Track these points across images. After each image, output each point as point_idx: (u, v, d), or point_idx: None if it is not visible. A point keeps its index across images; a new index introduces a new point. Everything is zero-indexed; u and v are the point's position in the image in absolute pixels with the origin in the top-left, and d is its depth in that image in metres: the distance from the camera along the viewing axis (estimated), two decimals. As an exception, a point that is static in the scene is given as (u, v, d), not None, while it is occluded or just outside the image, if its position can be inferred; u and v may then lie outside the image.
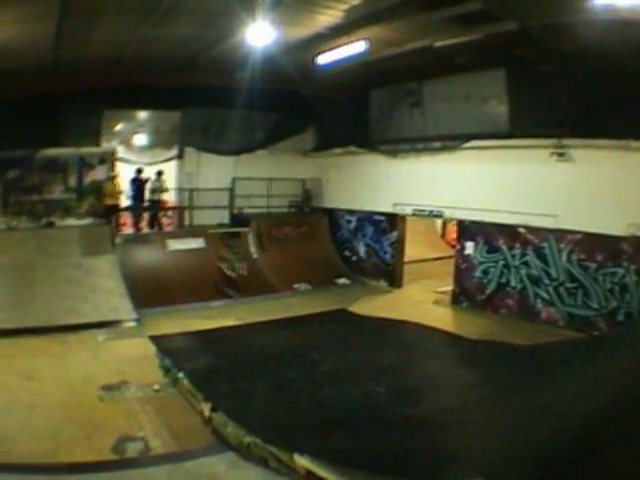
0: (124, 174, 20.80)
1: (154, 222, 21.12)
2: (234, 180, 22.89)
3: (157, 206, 21.15)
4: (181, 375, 11.53)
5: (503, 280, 17.88)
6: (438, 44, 15.48)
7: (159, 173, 20.93)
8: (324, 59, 17.05)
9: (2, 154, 17.75)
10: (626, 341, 11.46)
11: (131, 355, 13.41)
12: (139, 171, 20.69)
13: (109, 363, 12.81)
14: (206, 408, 10.00)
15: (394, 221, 21.95)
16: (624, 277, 15.06)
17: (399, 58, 17.04)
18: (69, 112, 18.75)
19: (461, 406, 10.22)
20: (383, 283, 21.94)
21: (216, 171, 22.49)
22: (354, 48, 15.81)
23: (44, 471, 8.22)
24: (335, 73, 18.59)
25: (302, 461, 7.79)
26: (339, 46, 16.07)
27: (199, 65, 18.16)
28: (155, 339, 14.16)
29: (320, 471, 7.54)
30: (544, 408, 8.69)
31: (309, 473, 7.69)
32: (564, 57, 15.08)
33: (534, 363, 12.01)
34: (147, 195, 20.72)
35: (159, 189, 20.89)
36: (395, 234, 22.03)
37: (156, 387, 11.53)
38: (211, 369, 12.12)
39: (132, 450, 8.96)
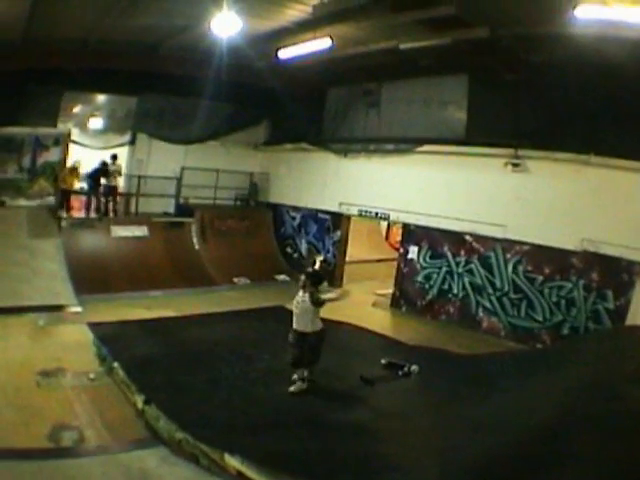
0: (76, 157, 20.77)
1: (107, 208, 20.88)
2: (183, 169, 22.94)
3: (114, 191, 20.99)
4: (116, 365, 11.58)
5: (445, 287, 18.04)
6: (404, 46, 15.43)
7: (114, 157, 20.73)
8: (286, 53, 16.93)
9: None
10: (570, 357, 11.60)
11: (70, 341, 13.34)
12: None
13: (48, 348, 12.74)
14: (139, 400, 10.08)
15: (339, 220, 22.13)
16: (571, 291, 15.26)
17: (362, 57, 17.04)
18: (31, 91, 18.59)
19: (396, 414, 10.34)
20: (324, 283, 21.81)
21: (166, 159, 22.54)
22: (318, 44, 15.70)
23: None
24: (295, 68, 18.61)
25: (233, 461, 7.92)
26: (303, 41, 15.98)
27: (160, 52, 18.19)
28: (92, 326, 14.09)
29: (250, 473, 7.67)
30: (481, 421, 8.83)
31: (240, 473, 7.80)
32: (531, 68, 15.18)
33: (473, 373, 12.18)
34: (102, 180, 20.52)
35: (114, 173, 20.71)
36: (338, 233, 22.23)
37: (92, 376, 11.49)
38: (146, 360, 12.09)
39: (67, 439, 8.99)
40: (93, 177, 20.17)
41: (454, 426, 9.16)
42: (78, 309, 15.98)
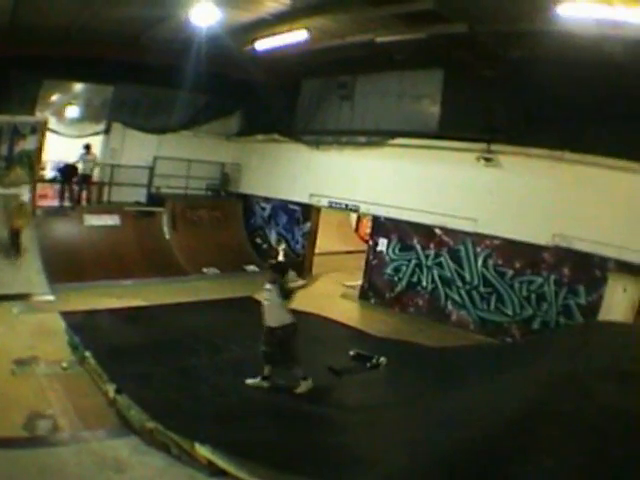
0: (53, 145, 20.87)
1: (80, 196, 20.96)
2: (155, 159, 22.99)
3: (88, 180, 21.07)
4: (87, 354, 11.68)
5: (414, 279, 18.20)
6: (380, 39, 15.48)
7: (87, 147, 20.80)
8: (262, 45, 17.04)
9: None
10: (541, 352, 11.46)
11: (43, 330, 13.44)
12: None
13: (22, 337, 12.86)
14: (110, 389, 10.20)
15: (309, 212, 22.34)
16: (542, 286, 15.42)
17: (337, 50, 17.07)
18: (12, 79, 18.63)
19: (364, 406, 10.52)
20: (291, 273, 21.67)
21: (139, 149, 22.54)
22: (294, 37, 15.84)
23: None
24: (270, 59, 18.63)
25: (203, 451, 8.06)
26: (280, 33, 16.06)
27: (141, 42, 18.22)
28: (64, 315, 14.19)
29: (220, 462, 7.82)
30: (449, 415, 8.83)
31: (210, 462, 7.95)
32: (509, 64, 15.23)
33: (441, 366, 12.31)
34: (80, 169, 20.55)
35: (90, 162, 20.87)
36: (308, 225, 22.48)
37: (64, 364, 11.61)
38: (117, 350, 12.20)
39: (42, 428, 9.16)
40: (64, 172, 20.45)
41: (422, 419, 9.23)
42: (51, 298, 16.09)
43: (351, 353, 13.17)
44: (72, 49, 18.09)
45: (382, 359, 12.71)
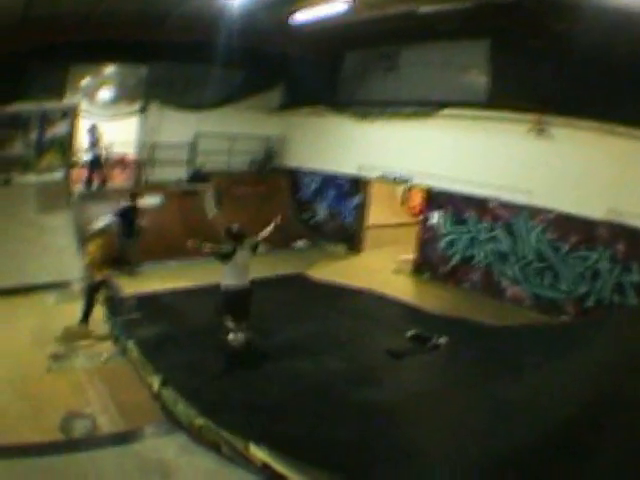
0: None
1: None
2: (196, 136, 22.37)
3: (99, 161, 20.36)
4: (130, 343, 11.21)
5: (468, 253, 17.58)
6: (423, 10, 14.99)
7: (93, 127, 20.11)
8: (302, 17, 16.54)
9: None
10: (601, 334, 10.96)
11: None
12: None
13: (58, 328, 12.24)
14: (155, 382, 9.75)
15: (358, 184, 21.63)
16: (597, 262, 14.76)
17: (379, 21, 16.51)
18: (34, 66, 18.01)
19: (426, 392, 9.78)
20: (342, 247, 21.67)
21: (179, 126, 21.92)
22: (335, 7, 15.33)
23: None
24: (310, 32, 18.12)
25: (259, 453, 7.49)
26: (319, 4, 15.54)
27: (169, 20, 17.62)
28: (105, 302, 13.49)
29: (279, 466, 7.22)
30: (518, 401, 8.34)
31: (265, 465, 7.37)
32: (556, 34, 14.48)
33: (503, 346, 11.70)
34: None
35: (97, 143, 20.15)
36: (358, 198, 21.77)
37: (105, 356, 11.17)
38: (162, 337, 11.68)
39: (79, 429, 8.64)
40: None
41: (490, 406, 8.57)
42: None
43: (409, 333, 12.53)
44: (97, 32, 17.51)
45: (442, 339, 12.09)
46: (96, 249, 12.41)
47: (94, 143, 19.86)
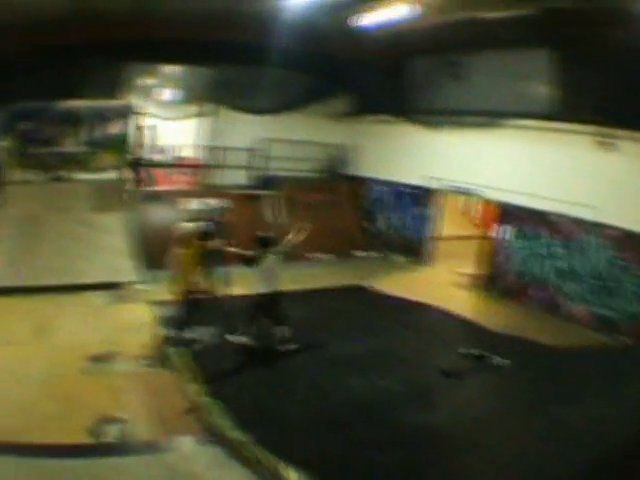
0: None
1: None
2: (263, 141, 22.06)
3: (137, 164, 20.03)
4: (174, 350, 10.95)
5: (532, 269, 16.92)
6: (487, 16, 14.67)
7: (139, 127, 19.98)
8: (366, 21, 16.08)
9: (17, 105, 17.26)
10: None
11: (128, 322, 12.72)
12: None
13: (102, 330, 12.14)
14: (196, 390, 9.41)
15: (424, 195, 20.96)
16: None
17: (444, 27, 16.10)
18: (89, 64, 17.89)
19: (481, 417, 9.32)
20: (406, 259, 21.19)
21: (245, 130, 21.68)
22: (400, 12, 14.83)
23: (4, 451, 7.57)
24: (375, 37, 17.66)
25: (293, 474, 7.12)
26: (384, 8, 15.03)
27: (230, 20, 17.26)
28: (155, 305, 13.42)
29: None
30: (574, 431, 7.96)
31: None
32: (620, 43, 13.62)
33: (562, 369, 11.24)
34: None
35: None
36: (424, 209, 21.15)
37: (146, 361, 10.82)
38: (209, 345, 11.42)
39: (110, 434, 8.31)
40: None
41: (545, 434, 8.25)
42: (144, 286, 15.47)
43: (468, 351, 12.09)
44: (151, 31, 17.26)
45: (500, 359, 11.64)
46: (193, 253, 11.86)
47: (140, 144, 19.85)
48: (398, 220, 22.13)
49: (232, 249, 11.42)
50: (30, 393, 9.27)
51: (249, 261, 11.12)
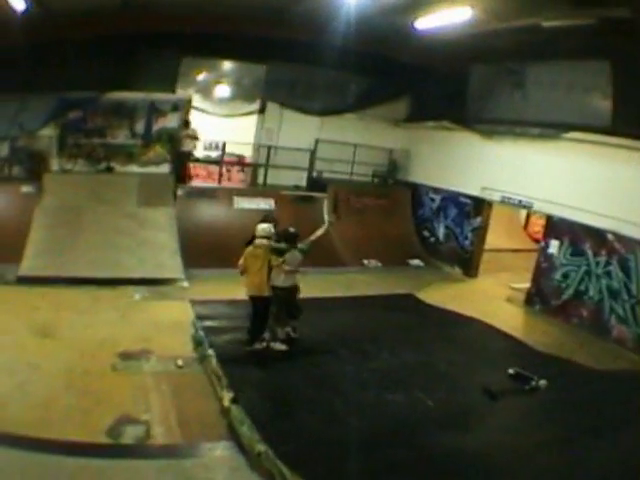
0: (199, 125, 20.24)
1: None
2: (317, 142, 21.90)
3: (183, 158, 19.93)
4: (210, 352, 10.55)
5: (582, 287, 16.39)
6: (546, 24, 14.32)
7: (186, 122, 19.76)
8: (424, 24, 15.84)
9: (64, 94, 17.33)
10: None
11: (165, 320, 12.47)
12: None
13: (137, 326, 11.96)
14: (226, 397, 9.00)
15: (480, 206, 20.45)
16: None
17: (504, 34, 15.89)
18: (142, 55, 18.11)
19: (518, 445, 8.72)
20: (458, 270, 20.78)
21: (298, 130, 21.53)
22: (458, 15, 14.63)
23: (16, 444, 7.42)
24: (434, 42, 17.45)
25: None
26: (442, 11, 14.82)
27: (287, 18, 17.17)
28: (195, 304, 13.12)
29: None
30: (614, 459, 7.68)
31: None
32: None
33: (604, 394, 10.80)
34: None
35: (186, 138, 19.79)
36: (479, 220, 20.51)
37: (180, 362, 10.53)
38: (244, 350, 10.96)
39: (130, 435, 8.09)
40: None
41: (587, 465, 7.94)
42: (184, 284, 15.35)
43: (511, 371, 11.56)
44: (208, 25, 17.39)
45: (542, 382, 11.11)
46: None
47: (191, 139, 19.78)
48: (454, 230, 21.65)
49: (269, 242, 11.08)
50: (54, 387, 9.16)
51: (281, 253, 10.90)
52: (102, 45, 16.66)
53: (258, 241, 10.91)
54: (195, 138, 19.96)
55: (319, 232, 12.11)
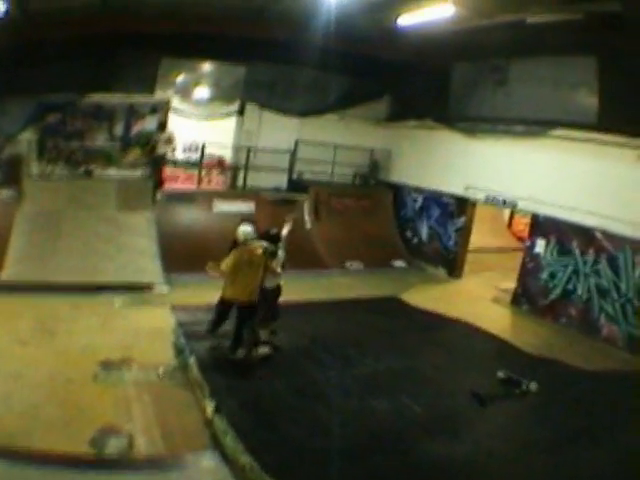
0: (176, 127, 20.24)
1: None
2: (297, 143, 21.80)
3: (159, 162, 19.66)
4: (192, 360, 10.34)
5: (570, 287, 16.38)
6: (531, 20, 14.15)
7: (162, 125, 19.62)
8: (406, 20, 15.63)
9: (43, 97, 17.13)
10: None
11: (146, 327, 12.27)
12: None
13: (118, 334, 11.77)
14: (209, 406, 8.84)
15: (463, 205, 20.48)
16: None
17: (487, 31, 15.76)
18: (121, 57, 17.99)
19: (509, 450, 8.69)
20: (442, 271, 20.73)
21: (278, 131, 21.40)
22: (441, 12, 14.41)
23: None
24: (417, 40, 17.37)
25: None
26: (423, 7, 14.59)
27: (267, 17, 17.01)
28: (176, 310, 12.86)
29: None
30: (605, 466, 7.62)
31: None
32: None
33: (594, 397, 10.78)
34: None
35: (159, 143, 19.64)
36: (462, 220, 20.53)
37: (161, 371, 10.37)
38: (227, 357, 10.71)
39: (113, 446, 7.93)
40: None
41: (579, 471, 7.94)
42: (164, 289, 15.13)
43: (500, 375, 11.45)
44: (185, 25, 17.22)
45: (532, 385, 11.04)
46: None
47: (170, 142, 19.76)
48: (437, 230, 21.62)
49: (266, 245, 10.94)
50: (34, 396, 9.04)
51: (274, 255, 10.81)
52: (82, 46, 16.51)
53: (253, 245, 10.68)
54: (170, 142, 19.86)
55: (286, 229, 11.99)
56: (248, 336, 10.61)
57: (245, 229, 10.86)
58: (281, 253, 11.09)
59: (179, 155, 20.81)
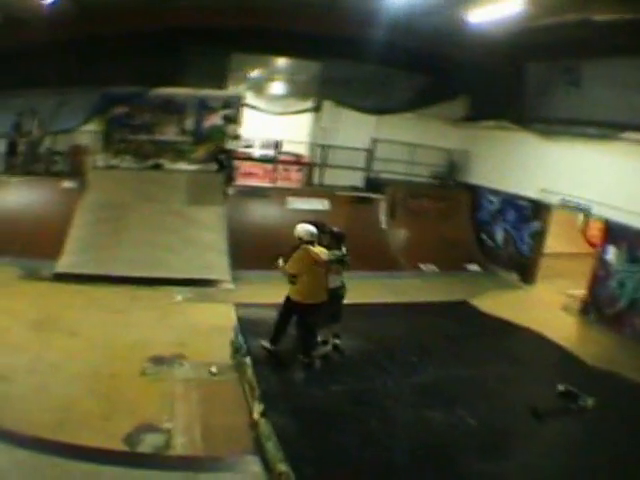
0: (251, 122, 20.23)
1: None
2: (374, 141, 21.57)
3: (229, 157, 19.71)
4: (247, 360, 9.97)
5: (638, 296, 15.79)
6: (598, 18, 13.71)
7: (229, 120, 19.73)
8: (475, 17, 15.22)
9: (111, 89, 17.39)
10: None
11: (205, 324, 12.19)
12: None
13: (173, 329, 11.73)
14: (257, 409, 8.50)
15: (539, 209, 19.85)
16: None
17: (557, 29, 15.27)
18: (190, 51, 17.99)
19: (555, 473, 8.13)
20: (515, 276, 20.23)
21: (354, 129, 21.17)
22: (509, 7, 14.00)
23: (29, 445, 7.30)
24: (487, 39, 16.95)
25: None
26: (493, 2, 14.29)
27: (338, 13, 16.87)
28: (239, 307, 12.35)
29: None
30: None
31: None
32: None
33: None
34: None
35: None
36: (538, 224, 19.92)
37: (214, 369, 10.20)
38: (286, 358, 10.27)
39: (148, 443, 7.84)
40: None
41: None
42: (230, 286, 15.04)
43: (560, 388, 10.77)
44: (255, 20, 16.97)
45: (590, 401, 10.38)
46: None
47: (242, 137, 20.03)
48: (512, 234, 21.13)
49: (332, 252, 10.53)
50: (76, 389, 9.05)
51: (341, 263, 10.57)
52: (145, 40, 16.51)
53: (318, 249, 10.16)
54: (236, 137, 19.86)
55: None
56: (308, 339, 10.30)
57: (309, 228, 10.35)
58: (337, 253, 10.59)
59: (256, 151, 20.81)
